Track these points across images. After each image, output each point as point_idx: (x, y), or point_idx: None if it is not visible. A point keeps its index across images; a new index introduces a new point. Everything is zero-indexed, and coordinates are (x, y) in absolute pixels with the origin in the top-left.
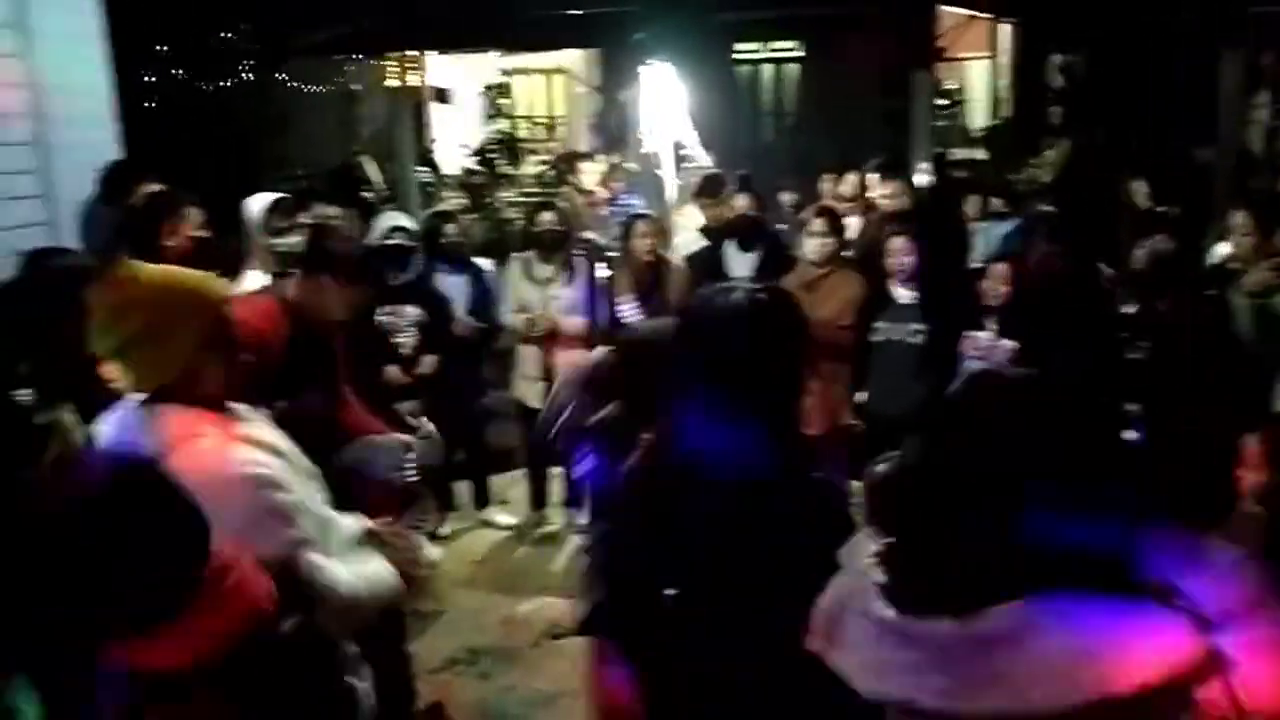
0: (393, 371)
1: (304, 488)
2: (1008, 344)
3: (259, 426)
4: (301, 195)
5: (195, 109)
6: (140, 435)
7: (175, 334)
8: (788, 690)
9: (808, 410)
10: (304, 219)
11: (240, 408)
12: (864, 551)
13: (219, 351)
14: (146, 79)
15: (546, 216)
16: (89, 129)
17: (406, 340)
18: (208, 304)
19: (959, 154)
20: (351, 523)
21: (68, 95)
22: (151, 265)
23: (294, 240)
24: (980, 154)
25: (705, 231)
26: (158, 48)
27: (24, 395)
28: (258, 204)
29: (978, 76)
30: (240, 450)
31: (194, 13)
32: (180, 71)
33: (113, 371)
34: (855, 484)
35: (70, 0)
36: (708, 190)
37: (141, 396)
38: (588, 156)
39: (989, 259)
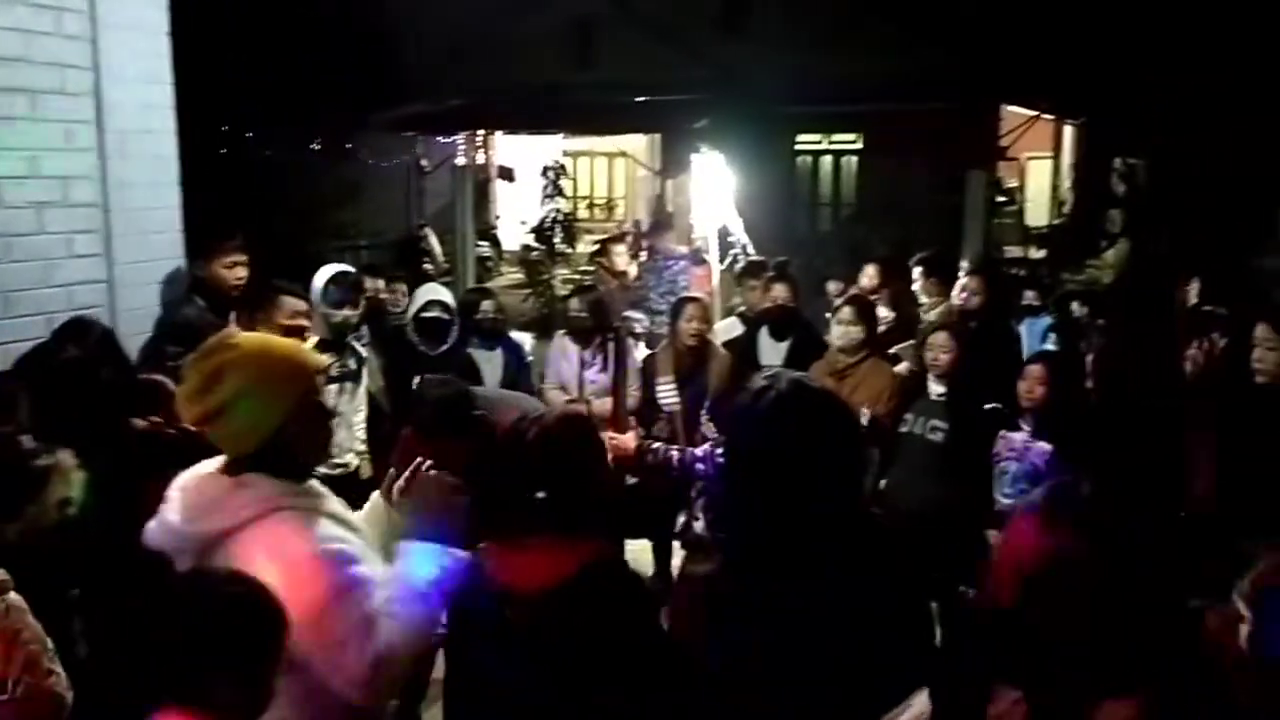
0: None
1: (372, 558)
2: (1042, 446)
3: (332, 499)
4: (363, 270)
5: (267, 176)
6: (220, 505)
7: (268, 401)
8: None
9: None
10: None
11: (314, 481)
12: None
13: (307, 423)
14: (222, 147)
15: (574, 303)
16: (152, 194)
17: None
18: (301, 374)
19: (1016, 252)
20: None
21: (133, 160)
22: (250, 334)
23: (347, 314)
24: (1038, 253)
25: (743, 317)
26: (235, 117)
27: (27, 440)
28: (321, 276)
29: (1040, 175)
30: (320, 526)
31: (272, 85)
32: (254, 140)
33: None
34: None
35: (144, 71)
36: (753, 274)
37: (218, 463)
38: (620, 239)
39: (1027, 359)
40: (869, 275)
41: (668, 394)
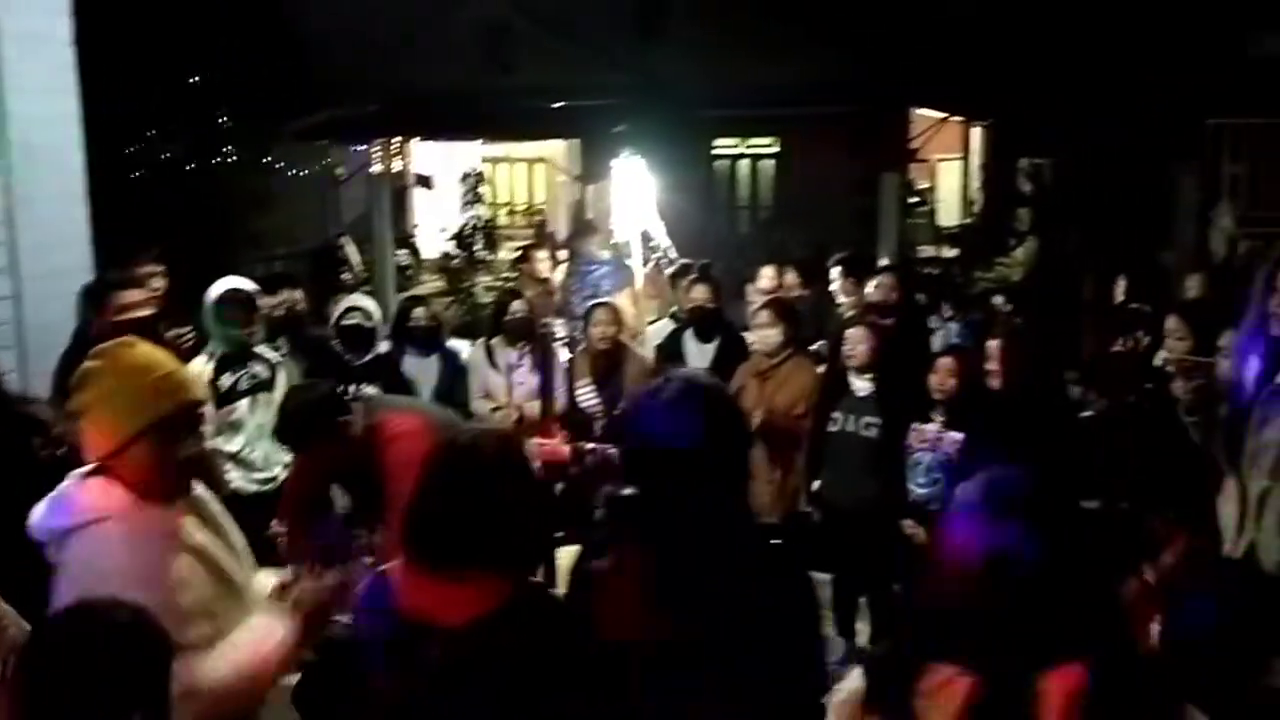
0: None
1: (212, 585)
2: (954, 436)
3: (188, 519)
4: (273, 278)
5: (180, 188)
6: (64, 504)
7: (117, 414)
8: None
9: (765, 498)
10: (274, 300)
11: (201, 492)
12: None
13: (164, 442)
14: (133, 158)
15: (516, 305)
16: (59, 206)
17: None
18: (161, 399)
19: (929, 251)
20: (266, 582)
21: (39, 173)
22: (145, 345)
23: (239, 333)
24: (950, 252)
25: (674, 318)
26: (146, 129)
27: None
28: (216, 290)
29: (950, 176)
30: (148, 545)
31: (183, 94)
32: (167, 152)
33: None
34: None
35: (47, 82)
36: (685, 277)
37: (90, 466)
38: (542, 244)
39: (938, 351)
40: (767, 277)
41: (587, 397)
